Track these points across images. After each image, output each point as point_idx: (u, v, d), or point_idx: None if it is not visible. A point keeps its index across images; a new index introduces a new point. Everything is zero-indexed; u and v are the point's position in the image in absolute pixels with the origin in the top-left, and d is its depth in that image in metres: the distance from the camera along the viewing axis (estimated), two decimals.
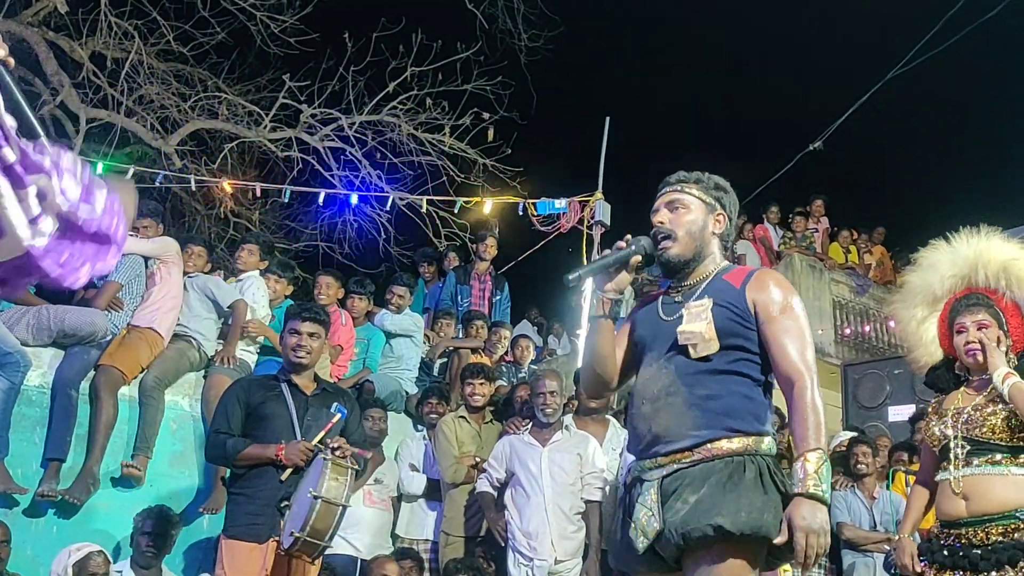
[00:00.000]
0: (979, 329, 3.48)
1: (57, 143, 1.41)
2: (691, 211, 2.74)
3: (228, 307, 5.89)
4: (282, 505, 4.00)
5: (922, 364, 3.78)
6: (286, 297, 6.62)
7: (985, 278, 3.60)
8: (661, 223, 2.74)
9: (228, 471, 4.44)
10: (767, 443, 2.49)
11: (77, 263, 1.39)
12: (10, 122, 1.30)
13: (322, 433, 4.09)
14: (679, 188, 2.78)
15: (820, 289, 12.03)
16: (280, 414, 4.17)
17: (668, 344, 2.61)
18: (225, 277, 6.29)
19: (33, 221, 1.28)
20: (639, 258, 2.71)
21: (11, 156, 1.26)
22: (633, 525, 2.49)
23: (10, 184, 1.25)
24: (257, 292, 6.15)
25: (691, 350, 2.55)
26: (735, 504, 2.35)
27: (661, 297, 2.77)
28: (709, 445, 2.45)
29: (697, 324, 2.56)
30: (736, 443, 2.45)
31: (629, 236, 2.77)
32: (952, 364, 3.67)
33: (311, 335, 4.30)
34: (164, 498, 5.38)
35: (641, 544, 2.45)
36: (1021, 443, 3.34)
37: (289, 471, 4.03)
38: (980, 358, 3.48)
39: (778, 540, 2.34)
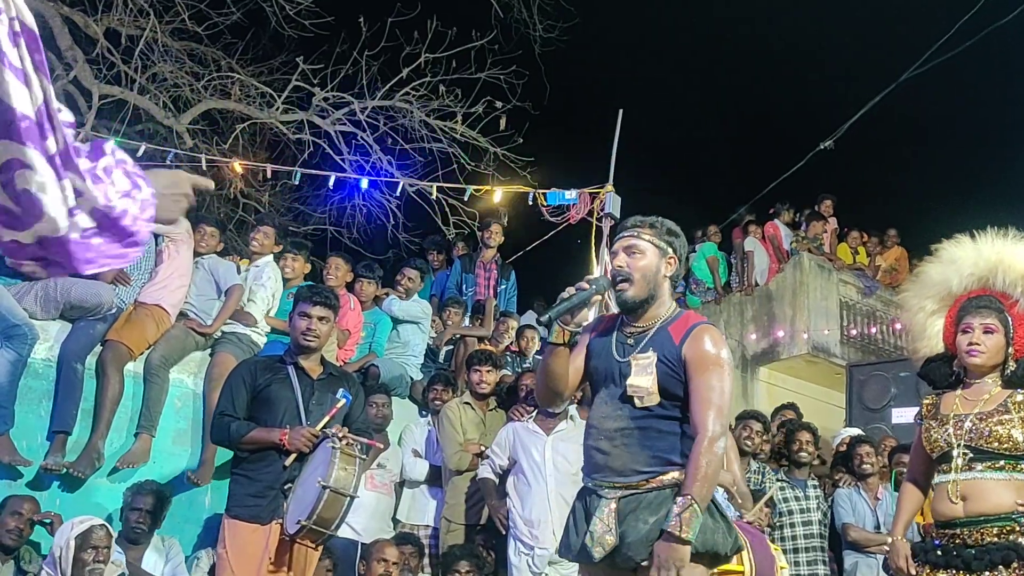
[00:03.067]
0: (985, 332, 3.48)
1: (104, 142, 1.48)
2: (646, 256, 3.09)
3: (225, 291, 5.88)
4: (285, 487, 4.01)
5: (922, 355, 3.77)
6: (304, 277, 6.58)
7: (1003, 283, 3.59)
8: (620, 267, 3.09)
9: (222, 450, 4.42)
10: None
11: (99, 260, 1.47)
12: (65, 117, 1.36)
13: (326, 419, 4.08)
14: (636, 233, 3.12)
15: (828, 289, 12.02)
16: (285, 397, 4.16)
17: (620, 387, 3.03)
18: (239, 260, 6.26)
19: (70, 212, 1.35)
20: (599, 297, 3.07)
21: (53, 148, 1.31)
22: (589, 535, 2.94)
23: (53, 173, 1.31)
24: (272, 277, 6.10)
25: (636, 400, 2.98)
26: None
27: (616, 334, 3.14)
28: (660, 477, 2.94)
29: (643, 379, 2.98)
30: (680, 474, 2.93)
31: (590, 277, 3.08)
32: (950, 360, 3.66)
33: (321, 319, 4.28)
34: (167, 475, 5.40)
35: (597, 554, 2.91)
36: None
37: (293, 456, 4.02)
38: (979, 360, 3.48)
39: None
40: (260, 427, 4.06)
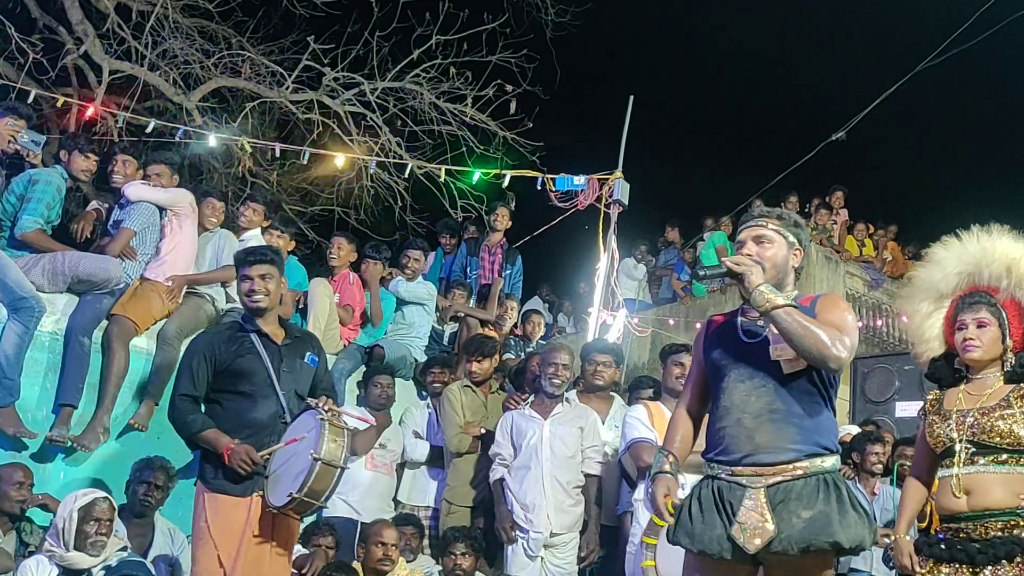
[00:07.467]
0: (978, 327, 3.53)
1: None
2: (775, 245, 3.06)
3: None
4: (266, 473, 3.94)
5: (924, 359, 3.81)
6: (289, 253, 6.53)
7: (989, 276, 3.63)
8: (749, 255, 3.02)
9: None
10: (836, 460, 2.94)
11: None
12: None
13: (277, 447, 3.95)
14: (764, 223, 3.08)
15: (834, 281, 11.99)
16: (256, 369, 4.04)
17: (759, 364, 2.95)
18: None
19: None
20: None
21: None
22: (739, 525, 2.82)
23: None
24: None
25: (784, 365, 2.90)
26: (845, 522, 2.78)
27: (739, 321, 3.09)
28: (807, 461, 2.86)
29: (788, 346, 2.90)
30: (826, 462, 2.88)
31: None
32: (953, 358, 3.70)
33: (263, 276, 4.12)
34: (171, 450, 5.41)
35: (753, 545, 2.79)
36: None
37: (270, 450, 3.93)
38: (977, 355, 3.53)
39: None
40: (215, 429, 3.96)
